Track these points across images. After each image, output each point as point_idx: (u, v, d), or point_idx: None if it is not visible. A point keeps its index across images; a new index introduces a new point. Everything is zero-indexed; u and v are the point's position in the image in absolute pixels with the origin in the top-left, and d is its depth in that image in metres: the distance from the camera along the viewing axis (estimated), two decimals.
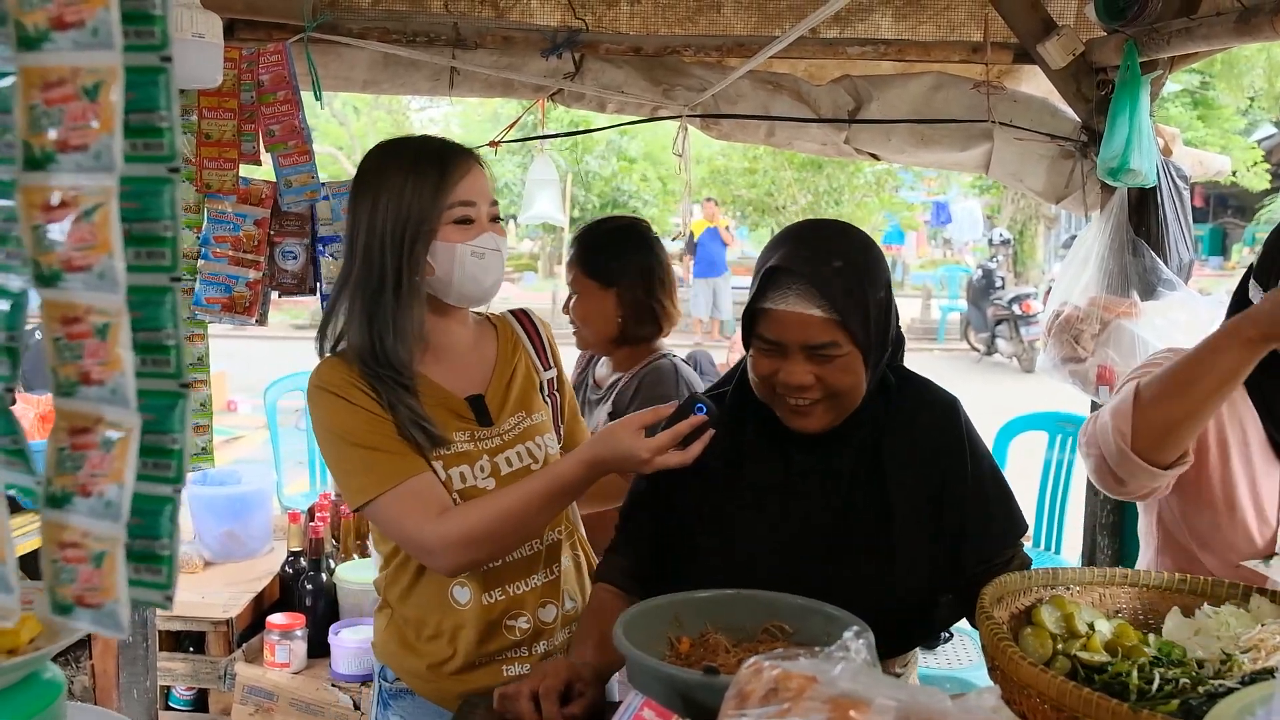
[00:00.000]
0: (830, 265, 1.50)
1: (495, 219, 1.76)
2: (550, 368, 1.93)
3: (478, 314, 1.91)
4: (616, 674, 1.64)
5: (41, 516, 0.77)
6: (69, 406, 0.75)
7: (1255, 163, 15.11)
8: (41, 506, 0.77)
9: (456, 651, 1.76)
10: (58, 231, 0.71)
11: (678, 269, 17.47)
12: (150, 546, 0.77)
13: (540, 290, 17.36)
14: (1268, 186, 15.29)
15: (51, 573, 0.77)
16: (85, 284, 0.71)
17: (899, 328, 1.66)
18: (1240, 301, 1.77)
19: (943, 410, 1.66)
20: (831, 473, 1.60)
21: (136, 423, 0.73)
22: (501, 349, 1.86)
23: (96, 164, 0.70)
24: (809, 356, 1.50)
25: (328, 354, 1.76)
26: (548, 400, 1.89)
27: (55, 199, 0.71)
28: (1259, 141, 16.65)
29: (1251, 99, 13.67)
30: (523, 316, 1.96)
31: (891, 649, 1.54)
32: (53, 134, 0.70)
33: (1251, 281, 1.74)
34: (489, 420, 1.77)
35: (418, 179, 1.68)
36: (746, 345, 1.61)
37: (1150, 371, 1.65)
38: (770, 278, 1.52)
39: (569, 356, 2.18)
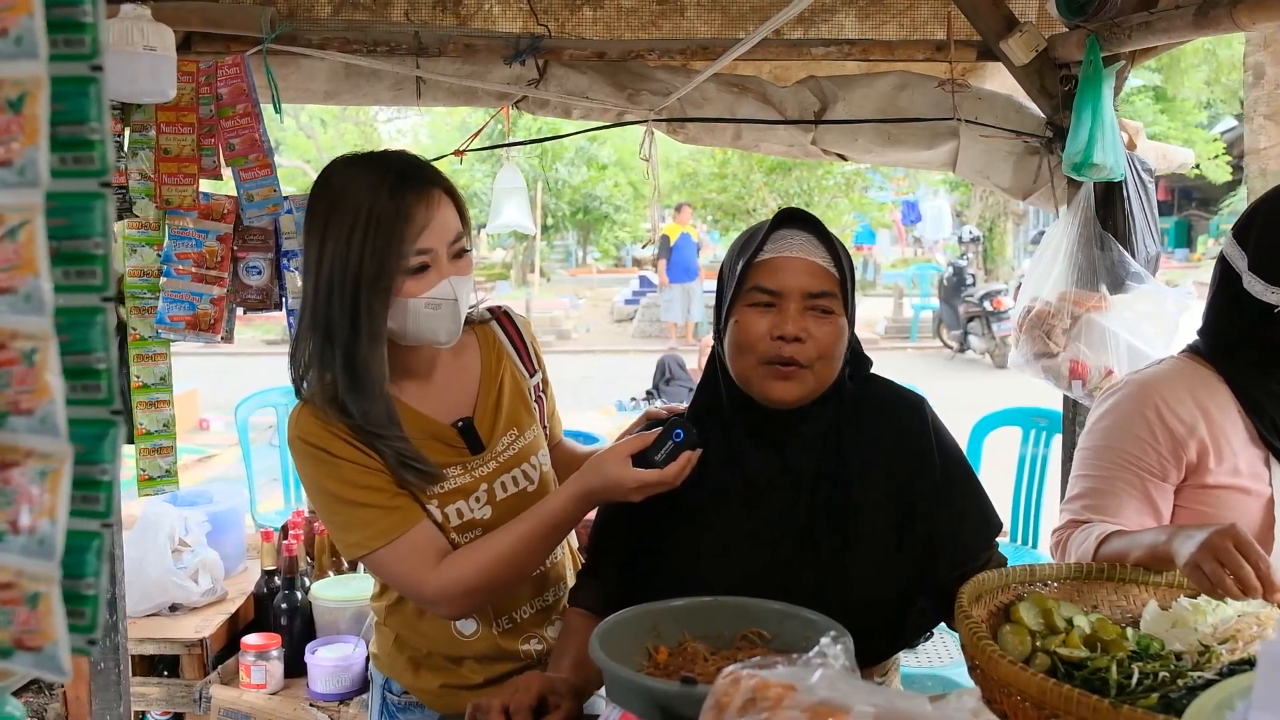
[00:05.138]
0: (829, 232, 1.59)
1: (460, 253, 1.60)
2: (535, 371, 1.84)
3: None
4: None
5: None
6: None
7: (1217, 155, 15.33)
8: None
9: (469, 673, 1.75)
10: None
11: (651, 275, 17.60)
12: (75, 586, 0.72)
13: (514, 299, 17.34)
14: (1230, 178, 15.51)
15: None
16: (10, 307, 0.67)
17: (856, 337, 1.67)
18: (1226, 297, 1.73)
19: (908, 409, 1.65)
20: (793, 476, 1.58)
21: (68, 453, 0.69)
22: (486, 361, 1.77)
23: (21, 179, 0.66)
24: (805, 309, 1.52)
25: (304, 390, 1.65)
26: (535, 405, 1.83)
27: None
28: (1221, 134, 16.89)
29: (1210, 97, 13.88)
30: (504, 318, 1.84)
31: (867, 656, 1.52)
32: None
33: (1249, 277, 1.68)
34: (480, 446, 1.71)
35: (370, 225, 1.51)
36: (730, 313, 1.57)
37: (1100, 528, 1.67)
38: (776, 227, 1.56)
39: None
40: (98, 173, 0.69)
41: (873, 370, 1.70)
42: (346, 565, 3.13)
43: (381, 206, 1.52)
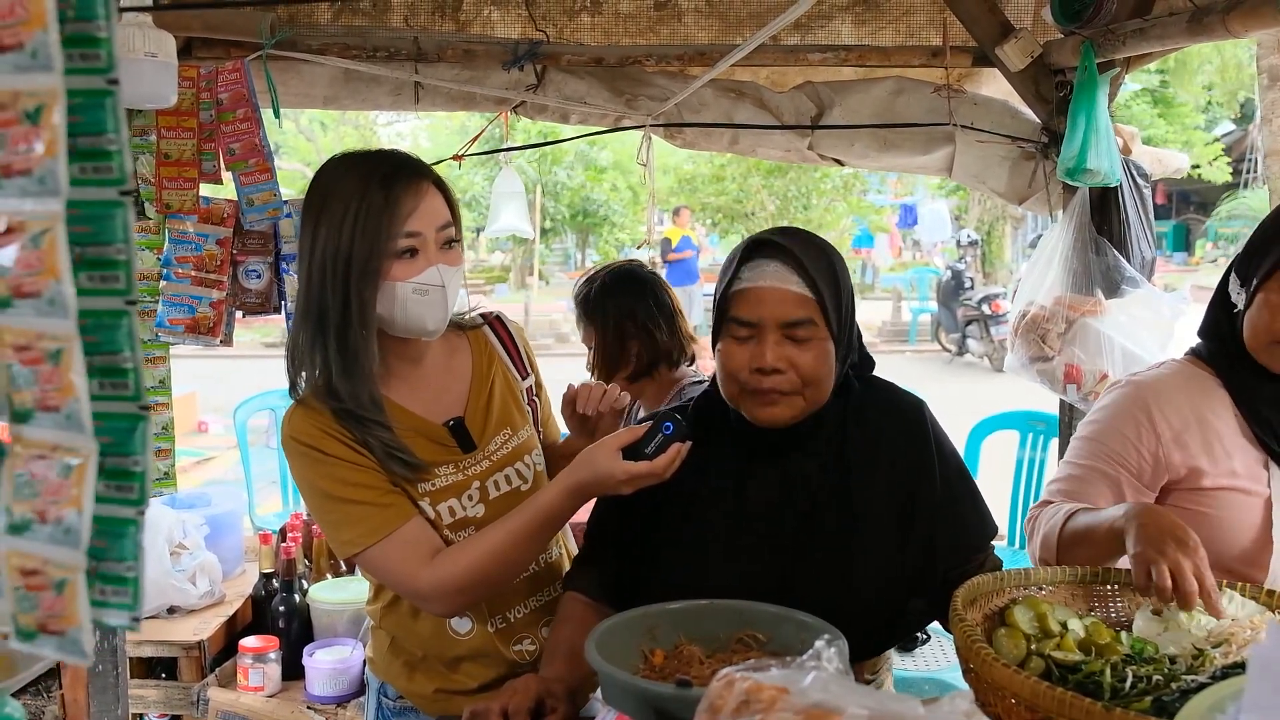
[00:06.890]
0: (810, 246, 1.54)
1: (449, 243, 1.63)
2: (528, 375, 1.86)
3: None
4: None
5: (1, 544, 0.77)
6: (26, 433, 0.75)
7: (1216, 157, 15.36)
8: (2, 534, 0.76)
9: (463, 678, 1.76)
10: (5, 257, 0.71)
11: None
12: (116, 569, 0.77)
13: (513, 301, 17.34)
14: (1229, 180, 15.54)
15: (14, 600, 0.77)
16: (36, 310, 0.71)
17: (860, 337, 1.67)
18: (1222, 298, 1.77)
19: (909, 412, 1.66)
20: (794, 475, 1.59)
21: (93, 448, 0.73)
22: (477, 363, 1.79)
23: (42, 188, 0.69)
24: (783, 338, 1.50)
25: (299, 389, 1.67)
26: (528, 408, 1.84)
27: (1, 224, 0.71)
28: (1219, 137, 16.93)
29: (1209, 99, 13.88)
30: (496, 323, 1.86)
31: (860, 653, 1.53)
32: None
33: (1232, 276, 1.75)
34: (472, 445, 1.72)
35: (360, 211, 1.56)
36: (717, 339, 1.60)
37: (1064, 506, 1.74)
38: (749, 254, 1.54)
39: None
40: (117, 181, 0.71)
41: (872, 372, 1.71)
42: (344, 568, 3.13)
43: (372, 195, 1.57)
